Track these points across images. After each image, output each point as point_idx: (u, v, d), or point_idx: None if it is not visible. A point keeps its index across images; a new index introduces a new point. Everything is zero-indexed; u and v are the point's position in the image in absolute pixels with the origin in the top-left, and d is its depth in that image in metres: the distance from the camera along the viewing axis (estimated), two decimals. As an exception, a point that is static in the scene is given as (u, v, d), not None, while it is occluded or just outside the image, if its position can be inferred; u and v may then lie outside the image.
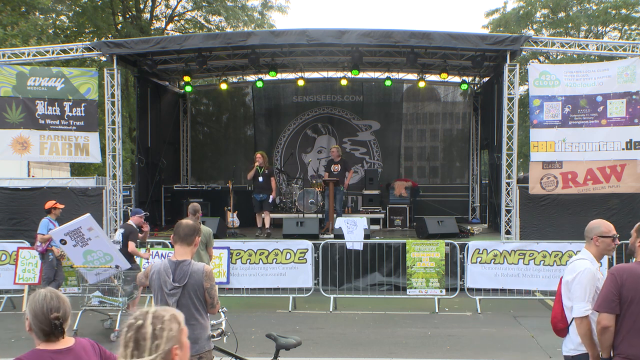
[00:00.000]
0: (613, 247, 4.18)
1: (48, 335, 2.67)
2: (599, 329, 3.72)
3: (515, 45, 11.53)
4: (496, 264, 10.06)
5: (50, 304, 2.67)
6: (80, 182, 15.31)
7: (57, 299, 2.70)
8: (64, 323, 2.69)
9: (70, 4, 24.39)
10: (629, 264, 3.89)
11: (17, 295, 10.27)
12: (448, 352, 7.51)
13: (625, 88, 11.05)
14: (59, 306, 2.68)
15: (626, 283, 3.71)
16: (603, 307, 3.72)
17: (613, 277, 3.75)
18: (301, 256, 10.22)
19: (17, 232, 11.67)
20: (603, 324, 3.69)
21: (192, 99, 17.57)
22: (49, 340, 2.68)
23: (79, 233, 7.89)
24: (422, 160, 17.43)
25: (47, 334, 2.67)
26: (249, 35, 12.53)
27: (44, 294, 2.71)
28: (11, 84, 11.78)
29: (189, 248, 4.28)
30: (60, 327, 2.67)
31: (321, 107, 16.79)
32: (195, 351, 4.12)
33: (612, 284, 3.73)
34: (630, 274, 3.74)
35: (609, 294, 3.71)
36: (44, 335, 2.67)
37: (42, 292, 2.73)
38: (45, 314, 2.65)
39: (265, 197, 12.28)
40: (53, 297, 2.70)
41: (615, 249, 4.28)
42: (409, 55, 12.66)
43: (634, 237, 3.99)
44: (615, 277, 3.73)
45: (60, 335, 2.69)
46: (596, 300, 3.80)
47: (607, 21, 29.04)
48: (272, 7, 28.57)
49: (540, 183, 11.38)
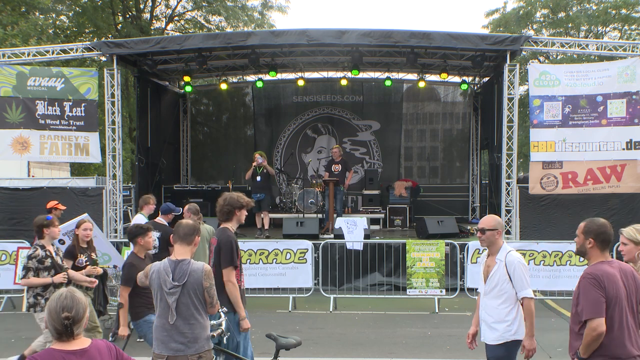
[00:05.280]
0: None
1: (60, 335, 2.68)
2: (595, 335, 3.63)
3: (515, 45, 11.52)
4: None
5: (63, 303, 2.67)
6: (80, 182, 15.33)
7: (72, 299, 2.70)
8: (76, 324, 2.68)
9: (70, 4, 24.41)
10: (600, 266, 3.79)
11: (17, 295, 10.26)
12: (448, 352, 7.51)
13: (626, 88, 11.05)
14: (72, 306, 2.67)
15: (607, 286, 3.68)
16: (597, 313, 3.63)
17: (595, 281, 3.68)
18: (301, 256, 10.22)
19: (17, 232, 11.65)
20: (600, 330, 3.62)
21: (192, 99, 17.57)
22: (61, 340, 2.69)
23: (78, 233, 7.87)
24: (422, 160, 17.42)
25: (59, 333, 2.67)
26: (249, 35, 12.53)
27: (60, 293, 2.72)
28: (11, 84, 11.78)
29: (189, 247, 4.32)
30: (70, 328, 2.66)
31: (321, 107, 16.79)
32: (194, 350, 4.13)
33: (597, 288, 3.66)
34: (607, 276, 3.70)
35: (598, 298, 3.64)
36: (56, 333, 2.68)
37: (60, 291, 2.74)
38: (57, 313, 2.65)
39: (263, 197, 12.27)
40: (67, 297, 2.70)
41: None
42: (409, 55, 12.66)
43: (582, 239, 3.92)
44: (597, 281, 3.68)
45: (70, 335, 2.68)
46: (585, 307, 3.68)
47: (607, 21, 29.05)
48: (272, 7, 28.62)
49: (540, 183, 11.38)
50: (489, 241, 4.63)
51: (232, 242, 5.11)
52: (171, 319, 4.10)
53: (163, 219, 8.05)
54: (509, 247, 4.63)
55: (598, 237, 3.83)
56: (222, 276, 5.01)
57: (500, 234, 4.65)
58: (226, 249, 5.05)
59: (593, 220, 3.97)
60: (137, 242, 5.72)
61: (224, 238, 5.12)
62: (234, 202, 5.22)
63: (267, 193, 12.34)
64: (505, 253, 4.57)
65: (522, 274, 4.47)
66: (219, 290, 4.91)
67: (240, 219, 5.34)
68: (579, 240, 3.94)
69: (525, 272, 4.49)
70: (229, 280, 5.02)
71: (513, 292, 4.50)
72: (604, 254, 3.85)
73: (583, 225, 3.95)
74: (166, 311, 4.13)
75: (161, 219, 8.05)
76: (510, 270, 4.48)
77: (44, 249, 6.18)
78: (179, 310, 4.11)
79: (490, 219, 4.73)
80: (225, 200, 5.24)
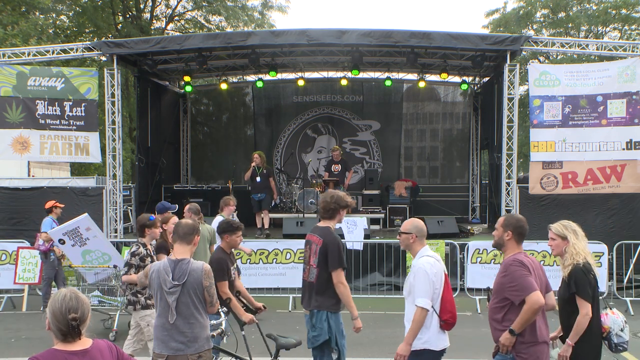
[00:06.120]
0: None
1: (65, 336, 2.69)
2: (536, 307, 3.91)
3: (515, 45, 11.52)
4: (496, 264, 10.04)
5: (69, 304, 2.68)
6: (80, 182, 15.31)
7: (77, 300, 2.71)
8: (82, 324, 2.70)
9: (70, 4, 24.42)
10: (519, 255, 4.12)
11: (17, 295, 10.27)
12: (448, 352, 7.45)
13: (626, 88, 11.05)
14: (78, 307, 2.69)
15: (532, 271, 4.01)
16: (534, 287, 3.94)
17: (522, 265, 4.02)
18: (301, 256, 10.21)
19: (17, 232, 11.66)
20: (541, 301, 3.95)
21: (192, 99, 17.57)
22: (66, 341, 2.70)
23: (77, 233, 7.88)
24: (422, 160, 17.42)
25: (65, 334, 2.68)
26: (249, 35, 12.53)
27: (64, 294, 2.72)
28: (11, 84, 11.79)
29: (188, 247, 4.32)
30: (77, 328, 2.68)
31: (321, 107, 16.78)
32: (194, 350, 4.13)
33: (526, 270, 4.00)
34: (529, 262, 4.05)
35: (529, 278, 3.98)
36: (61, 335, 2.69)
37: (63, 292, 2.74)
38: (63, 314, 2.66)
39: (264, 197, 12.26)
40: (72, 298, 2.71)
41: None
42: (409, 55, 12.66)
43: (500, 231, 4.23)
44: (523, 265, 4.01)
45: (77, 336, 2.70)
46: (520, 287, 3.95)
47: (607, 21, 29.05)
48: (272, 7, 28.63)
49: (540, 183, 11.38)
50: (404, 244, 4.52)
51: (339, 243, 5.08)
52: (171, 318, 4.11)
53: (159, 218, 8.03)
54: (426, 253, 4.42)
55: (515, 230, 4.19)
56: (329, 277, 4.97)
57: (416, 238, 4.44)
58: (334, 250, 4.99)
59: (512, 215, 4.48)
60: (224, 238, 5.61)
61: (330, 239, 5.05)
62: (341, 201, 5.18)
63: (267, 193, 12.33)
64: (417, 258, 4.41)
65: (420, 281, 4.24)
66: (325, 289, 4.95)
67: (341, 218, 5.32)
68: (497, 233, 4.26)
69: (424, 279, 4.23)
70: (339, 282, 4.97)
71: None
72: (519, 247, 4.21)
73: (502, 219, 4.32)
74: (166, 311, 4.13)
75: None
76: (412, 276, 4.36)
77: (145, 248, 6.17)
78: (179, 309, 4.11)
79: (408, 222, 4.59)
80: (332, 197, 5.19)
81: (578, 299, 4.16)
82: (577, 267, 4.20)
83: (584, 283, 4.15)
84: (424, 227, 4.52)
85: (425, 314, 4.22)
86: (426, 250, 4.46)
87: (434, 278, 4.25)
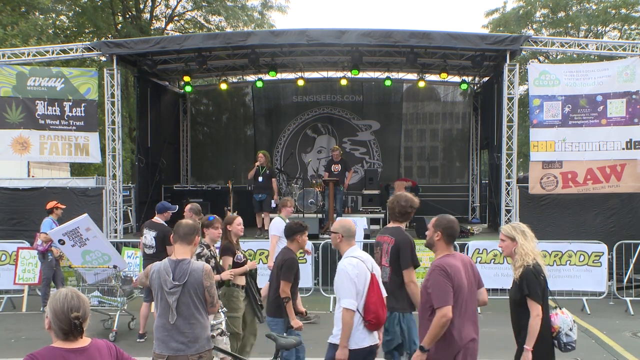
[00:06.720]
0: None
1: (67, 334, 2.69)
2: (444, 320, 3.86)
3: (515, 45, 11.52)
4: (496, 264, 10.06)
5: (70, 303, 2.69)
6: (80, 182, 15.30)
7: (78, 299, 2.73)
8: (84, 323, 2.72)
9: (70, 4, 24.41)
10: (446, 259, 4.08)
11: (17, 296, 10.26)
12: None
13: (625, 88, 11.05)
14: (79, 306, 2.70)
15: (453, 276, 3.95)
16: (446, 301, 3.88)
17: (444, 272, 3.95)
18: (301, 256, 10.20)
19: (17, 232, 11.66)
20: (448, 316, 3.87)
21: (192, 99, 17.56)
22: (67, 340, 2.70)
23: (77, 233, 7.88)
24: (422, 160, 17.41)
25: (66, 333, 2.69)
26: (249, 35, 12.53)
27: (65, 293, 2.73)
28: (11, 84, 11.78)
29: (189, 247, 4.31)
30: (80, 327, 2.70)
31: (321, 107, 16.78)
32: (195, 350, 4.13)
33: (446, 279, 3.93)
34: (452, 267, 3.99)
35: (447, 288, 3.91)
36: (63, 334, 2.69)
37: (63, 291, 2.75)
38: (65, 313, 2.67)
39: (265, 197, 12.26)
40: (74, 297, 2.72)
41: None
42: (409, 55, 12.66)
43: (431, 231, 4.22)
44: (445, 272, 3.94)
45: (78, 334, 2.71)
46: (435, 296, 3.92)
47: (607, 21, 29.04)
48: (272, 7, 28.61)
49: (540, 183, 11.38)
50: (333, 244, 4.55)
51: (411, 241, 5.11)
52: (172, 318, 4.10)
53: (160, 218, 8.01)
54: (351, 253, 4.42)
55: (445, 231, 4.17)
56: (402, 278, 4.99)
57: (343, 238, 4.47)
58: (406, 249, 5.01)
59: (443, 216, 4.33)
60: (296, 239, 5.54)
61: (402, 238, 5.06)
62: (415, 204, 5.21)
63: (268, 193, 12.33)
64: (343, 259, 4.41)
65: (342, 282, 4.27)
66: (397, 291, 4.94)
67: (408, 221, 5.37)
68: (429, 233, 4.27)
69: (346, 280, 4.25)
70: (410, 281, 5.01)
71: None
72: (449, 248, 4.20)
73: (434, 219, 4.28)
74: (167, 311, 4.13)
75: (158, 219, 8.02)
76: (336, 277, 4.37)
77: (209, 249, 6.03)
78: (180, 309, 4.11)
79: (337, 222, 4.61)
80: (407, 201, 5.19)
81: (529, 300, 4.18)
82: (528, 269, 4.22)
83: (535, 285, 4.17)
84: (352, 227, 4.54)
85: (351, 315, 4.23)
86: (353, 250, 4.48)
87: (355, 279, 4.26)
